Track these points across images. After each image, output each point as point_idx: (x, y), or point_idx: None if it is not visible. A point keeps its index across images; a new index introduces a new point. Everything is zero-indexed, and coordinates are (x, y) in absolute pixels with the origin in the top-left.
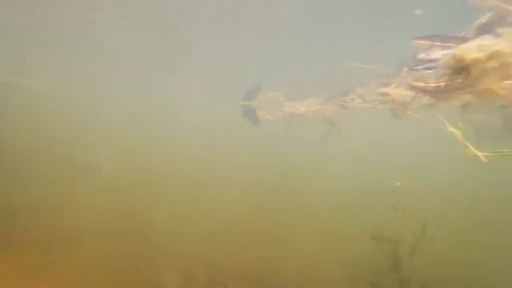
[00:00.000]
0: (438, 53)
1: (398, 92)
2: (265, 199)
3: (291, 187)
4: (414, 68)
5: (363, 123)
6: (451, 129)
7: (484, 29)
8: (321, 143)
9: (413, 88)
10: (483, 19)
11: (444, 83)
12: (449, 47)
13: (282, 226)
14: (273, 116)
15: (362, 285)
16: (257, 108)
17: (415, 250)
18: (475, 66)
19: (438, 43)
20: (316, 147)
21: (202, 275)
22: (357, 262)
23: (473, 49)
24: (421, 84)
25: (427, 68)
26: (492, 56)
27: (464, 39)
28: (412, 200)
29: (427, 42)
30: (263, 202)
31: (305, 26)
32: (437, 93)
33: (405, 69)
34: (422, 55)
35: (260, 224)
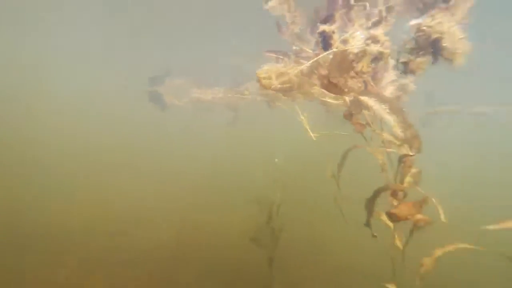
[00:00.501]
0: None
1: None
2: (164, 183)
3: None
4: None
5: (257, 112)
6: (302, 117)
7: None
8: (226, 128)
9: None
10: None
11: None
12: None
13: (188, 206)
14: (181, 102)
15: (246, 240)
16: (164, 94)
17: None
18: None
19: (281, 57)
20: (222, 132)
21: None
22: (242, 222)
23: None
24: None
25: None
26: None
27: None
28: (281, 172)
29: (274, 55)
30: (162, 186)
31: (214, 16)
32: (284, 92)
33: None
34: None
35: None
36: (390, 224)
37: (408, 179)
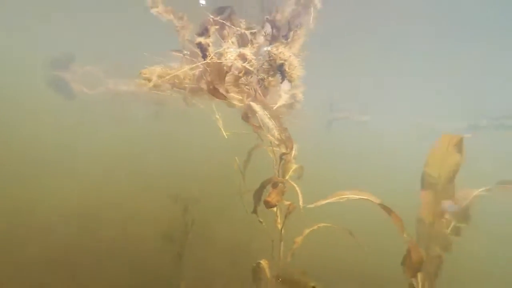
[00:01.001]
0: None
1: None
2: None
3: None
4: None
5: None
6: (216, 116)
7: None
8: (147, 123)
9: (173, 85)
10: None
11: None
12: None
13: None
14: (93, 91)
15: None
16: (71, 81)
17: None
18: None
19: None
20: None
21: None
22: (156, 218)
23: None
24: (178, 83)
25: None
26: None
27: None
28: (198, 169)
29: (179, 54)
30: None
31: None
32: (195, 92)
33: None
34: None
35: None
36: (275, 210)
37: (291, 173)
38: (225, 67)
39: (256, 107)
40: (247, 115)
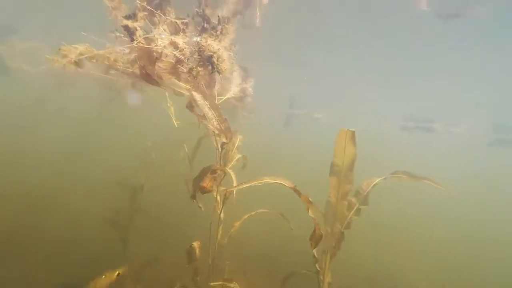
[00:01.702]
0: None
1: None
2: None
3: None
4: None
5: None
6: (168, 104)
7: None
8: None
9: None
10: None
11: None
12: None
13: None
14: (34, 68)
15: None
16: (6, 55)
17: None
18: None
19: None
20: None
21: None
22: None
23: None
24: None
25: None
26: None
27: None
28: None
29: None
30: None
31: None
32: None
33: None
34: None
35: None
36: (216, 197)
37: (234, 162)
38: (155, 53)
39: (197, 96)
40: (191, 105)
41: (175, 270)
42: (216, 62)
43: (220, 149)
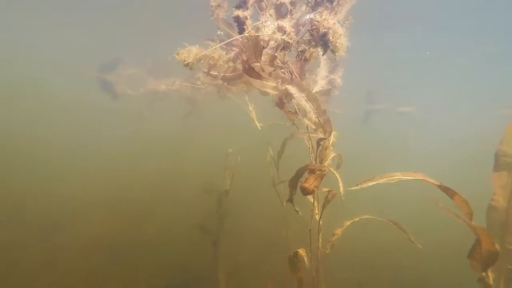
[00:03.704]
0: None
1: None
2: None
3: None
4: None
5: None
6: (250, 108)
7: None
8: (183, 120)
9: (206, 74)
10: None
11: (223, 74)
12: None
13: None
14: (134, 91)
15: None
16: (116, 83)
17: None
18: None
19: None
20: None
21: None
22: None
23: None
24: (213, 73)
25: None
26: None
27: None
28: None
29: (211, 43)
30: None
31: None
32: (228, 81)
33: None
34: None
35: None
36: (311, 199)
37: (329, 161)
38: (262, 42)
39: (292, 89)
40: (282, 101)
41: (269, 275)
42: (331, 39)
43: (316, 147)
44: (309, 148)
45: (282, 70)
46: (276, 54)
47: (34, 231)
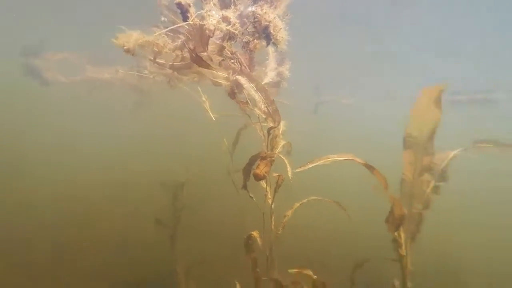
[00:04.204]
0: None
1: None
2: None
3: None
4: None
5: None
6: (203, 98)
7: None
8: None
9: (152, 62)
10: None
11: (171, 63)
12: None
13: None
14: (68, 79)
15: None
16: (44, 68)
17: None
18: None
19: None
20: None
21: None
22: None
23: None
24: (160, 61)
25: None
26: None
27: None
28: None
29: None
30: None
31: None
32: (178, 70)
33: None
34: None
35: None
36: (264, 185)
37: (279, 149)
38: (207, 31)
39: (242, 80)
40: (234, 91)
41: (228, 263)
42: (272, 32)
43: (267, 135)
44: (262, 137)
45: (232, 61)
46: (224, 44)
47: None
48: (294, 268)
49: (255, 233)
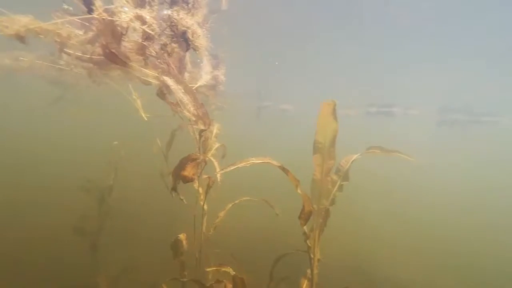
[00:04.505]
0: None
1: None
2: None
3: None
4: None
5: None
6: (134, 96)
7: None
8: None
9: (60, 52)
10: None
11: (89, 56)
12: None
13: None
14: None
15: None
16: None
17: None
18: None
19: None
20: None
21: None
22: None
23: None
24: (68, 51)
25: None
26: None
27: None
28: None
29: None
30: None
31: None
32: (98, 64)
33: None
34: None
35: None
36: (198, 187)
37: (213, 151)
38: (119, 28)
39: (170, 81)
40: (163, 92)
41: (158, 269)
42: (191, 38)
43: (198, 137)
44: (194, 139)
45: (159, 61)
46: (145, 43)
47: None
48: (213, 267)
49: (182, 236)
